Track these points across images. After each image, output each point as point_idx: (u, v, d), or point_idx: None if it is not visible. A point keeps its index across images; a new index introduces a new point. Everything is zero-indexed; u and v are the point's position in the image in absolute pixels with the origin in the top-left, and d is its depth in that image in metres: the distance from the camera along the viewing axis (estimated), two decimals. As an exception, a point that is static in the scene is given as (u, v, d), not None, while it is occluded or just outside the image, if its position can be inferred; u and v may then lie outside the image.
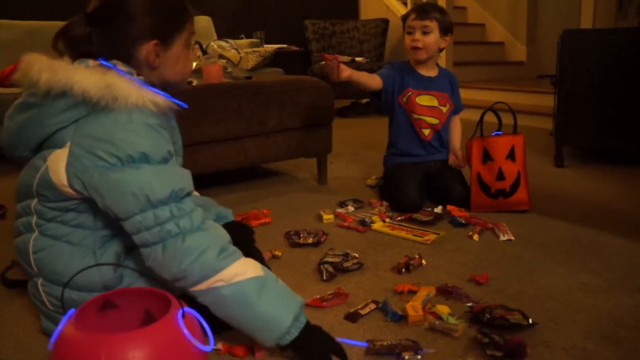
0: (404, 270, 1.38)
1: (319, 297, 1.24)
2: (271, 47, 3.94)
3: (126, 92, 0.93)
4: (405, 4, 4.75)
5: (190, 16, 1.09)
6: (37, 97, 0.96)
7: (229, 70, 2.29)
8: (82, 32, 1.00)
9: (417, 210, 1.85)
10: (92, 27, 1.00)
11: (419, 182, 1.94)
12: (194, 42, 1.14)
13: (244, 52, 3.24)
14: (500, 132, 1.88)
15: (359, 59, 4.40)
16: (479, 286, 1.30)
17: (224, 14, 4.47)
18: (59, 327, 0.78)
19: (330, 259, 1.42)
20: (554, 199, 1.98)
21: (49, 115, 0.97)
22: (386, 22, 4.66)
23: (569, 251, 1.50)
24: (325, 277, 1.35)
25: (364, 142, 3.19)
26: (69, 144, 0.96)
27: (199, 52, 2.59)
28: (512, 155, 1.82)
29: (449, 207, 1.83)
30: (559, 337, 1.07)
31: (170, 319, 0.80)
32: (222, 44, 2.98)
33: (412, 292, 1.26)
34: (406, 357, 0.99)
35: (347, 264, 1.40)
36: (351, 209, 1.91)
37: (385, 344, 1.03)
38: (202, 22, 3.77)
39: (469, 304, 1.18)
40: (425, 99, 2.01)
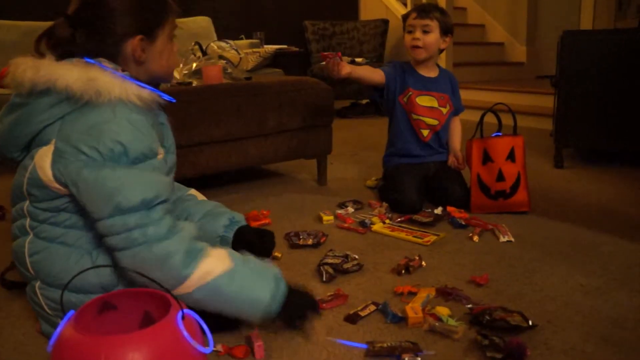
0: (403, 271, 1.38)
1: (318, 298, 1.23)
2: (271, 47, 3.94)
3: (109, 85, 0.93)
4: (405, 5, 4.75)
5: (171, 9, 1.09)
6: (23, 97, 0.97)
7: (229, 71, 2.29)
8: (66, 34, 1.00)
9: (417, 211, 1.85)
10: (75, 29, 1.00)
11: (418, 184, 1.94)
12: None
13: (244, 52, 3.23)
14: (500, 133, 1.88)
15: (358, 60, 4.39)
16: (479, 288, 1.30)
17: (223, 15, 4.47)
18: (58, 329, 0.78)
19: (330, 261, 1.42)
20: (553, 200, 1.98)
21: (35, 113, 0.97)
22: (386, 22, 4.66)
23: (569, 252, 1.50)
24: (325, 279, 1.35)
25: (364, 143, 3.19)
26: (54, 141, 0.97)
27: (199, 53, 2.59)
28: (512, 156, 1.82)
29: (449, 209, 1.83)
30: (558, 338, 1.07)
31: (169, 320, 0.79)
32: (222, 44, 2.98)
33: (412, 294, 1.26)
34: (406, 359, 0.99)
35: (346, 266, 1.40)
36: (351, 210, 1.91)
37: (385, 345, 1.02)
38: (201, 23, 3.76)
39: (469, 306, 1.18)
40: (425, 100, 2.01)
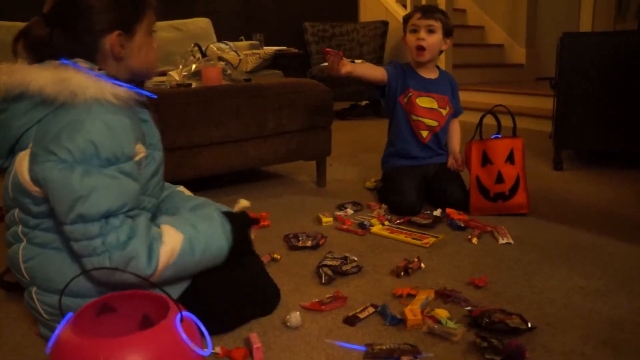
0: (402, 273, 1.38)
1: (317, 300, 1.24)
2: (270, 49, 3.94)
3: (83, 85, 0.92)
4: (404, 6, 4.75)
5: (149, 4, 1.07)
6: (1, 103, 0.97)
7: (228, 72, 2.29)
8: (42, 33, 0.99)
9: (416, 213, 1.85)
10: (51, 27, 0.99)
11: (418, 185, 1.94)
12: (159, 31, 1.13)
13: (244, 54, 3.23)
14: (499, 135, 1.88)
15: (357, 61, 4.39)
16: (478, 290, 1.30)
17: (223, 16, 4.47)
18: (57, 331, 0.78)
19: (329, 262, 1.42)
20: (553, 202, 1.98)
21: (14, 118, 0.97)
22: (386, 24, 4.66)
23: (568, 254, 1.50)
24: (324, 281, 1.34)
25: (363, 144, 3.19)
26: (31, 144, 0.96)
27: (198, 54, 2.59)
28: (511, 158, 1.82)
29: (448, 210, 1.83)
30: (557, 341, 1.07)
31: (168, 323, 0.79)
32: (222, 46, 2.98)
33: (411, 296, 1.25)
34: (405, 362, 0.99)
35: (345, 267, 1.40)
36: (350, 211, 1.91)
37: (384, 348, 1.02)
38: (201, 24, 3.76)
39: (468, 308, 1.17)
40: (425, 101, 2.02)
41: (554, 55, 2.46)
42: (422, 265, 1.43)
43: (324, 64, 1.85)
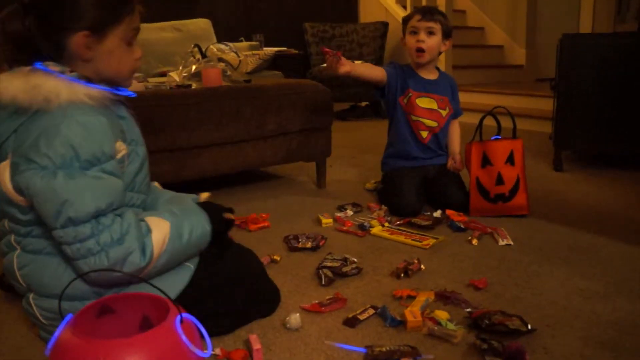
0: (402, 275, 1.38)
1: (317, 302, 1.23)
2: (270, 50, 3.94)
3: (55, 90, 0.91)
4: (404, 7, 4.75)
5: (131, 10, 1.01)
6: None
7: (228, 73, 2.29)
8: (19, 25, 0.96)
9: (416, 214, 1.85)
10: (28, 17, 0.96)
11: (417, 187, 1.94)
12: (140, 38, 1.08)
13: (243, 55, 3.23)
14: (499, 137, 1.88)
15: (357, 62, 4.39)
16: (478, 291, 1.30)
17: (223, 17, 4.47)
18: (57, 333, 0.78)
19: (329, 264, 1.42)
20: (552, 204, 1.98)
21: None
22: (385, 25, 4.66)
23: (568, 256, 1.50)
24: (324, 282, 1.34)
25: (363, 145, 3.19)
26: (10, 154, 0.95)
27: (198, 55, 2.59)
28: (511, 159, 1.82)
29: (448, 212, 1.83)
30: (557, 343, 1.07)
31: (168, 324, 0.79)
32: (222, 47, 2.98)
33: (411, 298, 1.25)
34: (405, 363, 0.99)
35: (345, 269, 1.39)
36: (350, 213, 1.91)
37: (383, 349, 1.02)
38: (201, 25, 3.76)
39: (468, 310, 1.17)
40: (425, 101, 2.02)
41: (554, 56, 2.47)
42: (422, 266, 1.43)
43: (323, 65, 1.85)
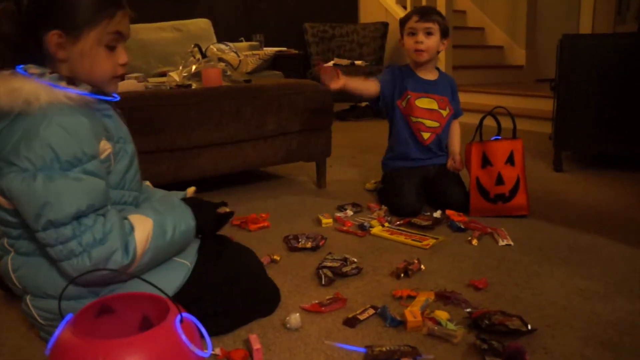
0: (402, 275, 1.38)
1: (317, 302, 1.23)
2: (270, 50, 3.94)
3: (34, 93, 0.91)
4: (404, 7, 4.75)
5: (111, 14, 0.98)
6: None
7: (228, 73, 2.30)
8: (5, 26, 0.95)
9: (416, 214, 1.85)
10: (11, 17, 0.94)
11: (418, 187, 1.94)
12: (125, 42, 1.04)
13: (243, 55, 3.24)
14: (499, 137, 1.88)
15: (358, 62, 4.40)
16: (478, 291, 1.29)
17: (223, 17, 4.48)
18: (56, 333, 0.78)
19: (329, 264, 1.42)
20: (552, 204, 1.98)
21: None
22: (385, 25, 4.66)
23: (568, 256, 1.50)
24: (324, 282, 1.34)
25: (363, 145, 3.19)
26: None
27: (199, 55, 2.59)
28: (511, 159, 1.82)
29: (448, 212, 1.83)
30: (557, 343, 1.07)
31: (168, 324, 0.79)
32: (222, 47, 2.98)
33: (411, 298, 1.25)
34: (405, 363, 0.99)
35: (345, 269, 1.39)
36: (350, 213, 1.91)
37: (383, 349, 1.02)
38: (201, 25, 3.76)
39: (468, 310, 1.17)
40: (424, 102, 2.01)
41: (554, 56, 2.47)
42: (422, 266, 1.42)
43: (319, 66, 1.86)
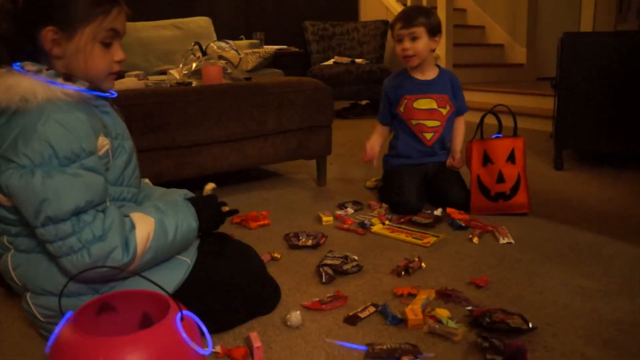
0: (403, 273, 1.38)
1: (318, 299, 1.23)
2: (271, 48, 3.94)
3: (31, 90, 0.91)
4: (405, 5, 4.74)
5: (106, 10, 0.98)
6: None
7: (229, 71, 2.29)
8: (3, 23, 0.94)
9: (417, 212, 1.85)
10: (8, 15, 0.94)
11: (418, 185, 1.94)
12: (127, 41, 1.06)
13: (244, 53, 3.23)
14: (500, 135, 1.87)
15: (358, 61, 4.39)
16: (479, 289, 1.29)
17: (223, 15, 4.47)
18: (57, 330, 0.78)
19: (329, 262, 1.42)
20: (553, 202, 1.98)
21: None
22: (386, 23, 4.66)
23: (569, 255, 1.50)
24: (324, 280, 1.34)
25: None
26: None
27: (199, 53, 2.58)
28: (512, 158, 1.82)
29: (449, 210, 1.83)
30: (558, 341, 1.07)
31: (168, 322, 0.79)
32: (222, 44, 2.97)
33: (412, 296, 1.25)
34: (405, 361, 0.99)
35: (346, 267, 1.39)
36: (350, 211, 1.91)
37: (384, 347, 1.02)
38: (201, 23, 3.76)
39: (469, 308, 1.17)
40: (423, 103, 2.01)
41: (555, 55, 2.46)
42: (423, 264, 1.42)
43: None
